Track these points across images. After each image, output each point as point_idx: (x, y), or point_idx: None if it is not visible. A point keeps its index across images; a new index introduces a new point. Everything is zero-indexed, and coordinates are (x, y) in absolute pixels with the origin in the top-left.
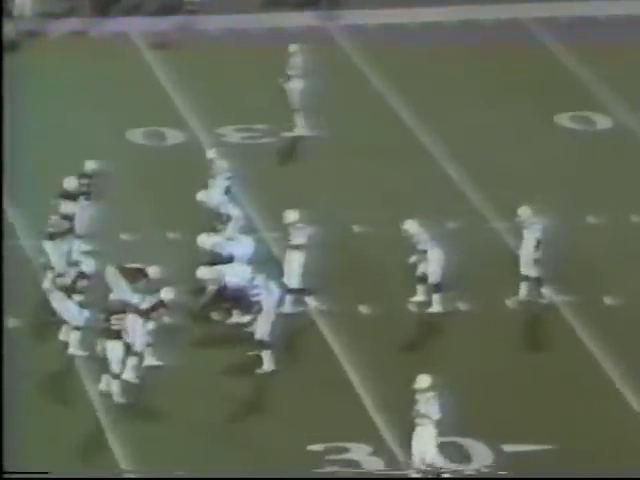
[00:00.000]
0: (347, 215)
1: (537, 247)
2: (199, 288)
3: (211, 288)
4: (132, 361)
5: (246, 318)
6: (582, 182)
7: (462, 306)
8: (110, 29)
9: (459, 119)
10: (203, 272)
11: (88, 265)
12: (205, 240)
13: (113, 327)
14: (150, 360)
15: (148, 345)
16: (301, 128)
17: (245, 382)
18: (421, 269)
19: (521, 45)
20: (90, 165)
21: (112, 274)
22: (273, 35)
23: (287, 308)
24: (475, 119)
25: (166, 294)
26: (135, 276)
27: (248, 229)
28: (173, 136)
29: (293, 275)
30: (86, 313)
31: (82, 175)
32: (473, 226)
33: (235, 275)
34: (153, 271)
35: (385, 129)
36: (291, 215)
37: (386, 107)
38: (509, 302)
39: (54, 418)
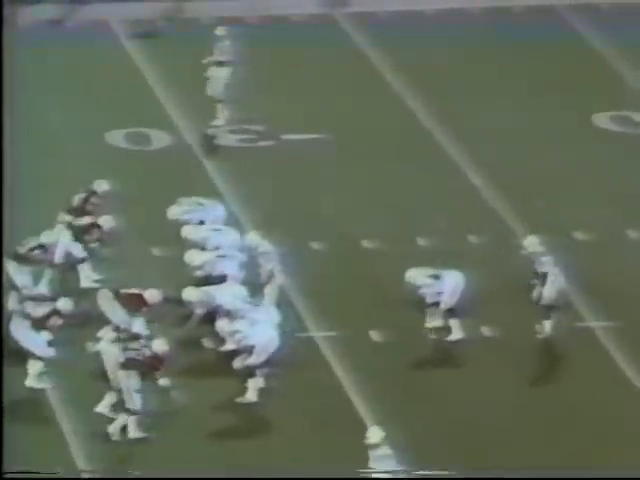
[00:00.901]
0: (355, 228)
1: (543, 282)
2: (186, 312)
3: (200, 312)
4: (121, 418)
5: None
6: (623, 191)
7: (487, 332)
8: (88, 17)
9: (483, 119)
10: (190, 293)
11: (65, 304)
12: (194, 257)
13: (137, 357)
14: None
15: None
16: (223, 120)
17: (240, 415)
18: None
19: (554, 35)
20: (100, 185)
21: (107, 299)
22: (274, 24)
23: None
24: (501, 119)
25: (160, 346)
26: (134, 304)
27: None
28: (159, 138)
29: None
30: (52, 351)
31: (92, 193)
32: (499, 241)
33: (227, 297)
34: (150, 296)
35: (399, 130)
36: (253, 238)
37: (401, 105)
38: (539, 328)
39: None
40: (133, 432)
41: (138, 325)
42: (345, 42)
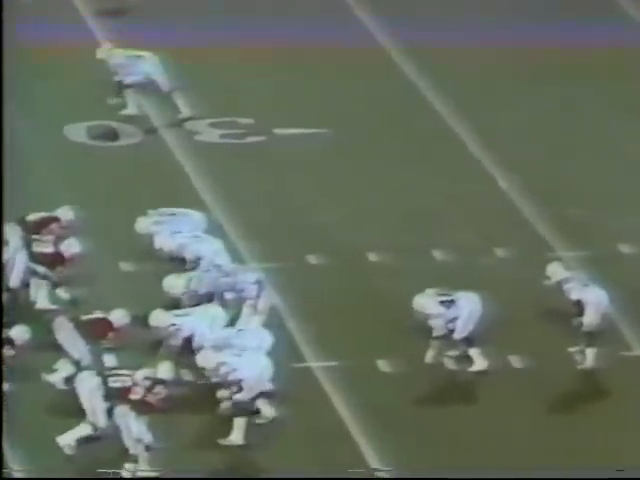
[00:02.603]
0: (360, 239)
1: (580, 309)
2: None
3: (173, 343)
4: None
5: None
6: None
7: (515, 362)
8: None
9: (510, 112)
10: (158, 318)
11: (20, 333)
12: (174, 283)
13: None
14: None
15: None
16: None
17: (224, 459)
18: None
19: (595, 11)
20: (65, 214)
21: (65, 330)
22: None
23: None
24: (532, 112)
25: (164, 373)
26: (99, 330)
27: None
28: (128, 133)
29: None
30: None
31: (54, 220)
32: (531, 255)
33: (204, 321)
34: (117, 318)
35: (412, 124)
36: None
37: (414, 95)
38: (580, 358)
39: None
40: (143, 469)
41: (109, 359)
42: (348, 17)
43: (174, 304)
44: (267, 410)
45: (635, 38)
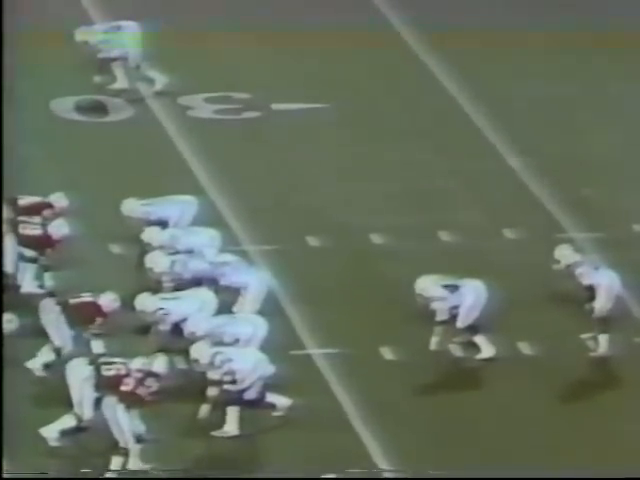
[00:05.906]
0: (362, 220)
1: (592, 295)
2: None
3: (161, 328)
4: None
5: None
6: None
7: (525, 349)
8: None
9: (521, 87)
10: (145, 302)
11: (7, 320)
12: (158, 260)
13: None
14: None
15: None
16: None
17: (218, 451)
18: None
19: None
20: (59, 200)
21: (52, 312)
22: None
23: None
24: (544, 87)
25: (158, 366)
26: (88, 314)
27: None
28: (118, 108)
29: None
30: None
31: (47, 205)
32: (542, 237)
33: (195, 306)
34: (106, 302)
35: (417, 99)
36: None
37: (419, 68)
38: (593, 344)
39: None
40: (133, 464)
41: (97, 346)
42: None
43: (156, 286)
44: (281, 401)
45: None
